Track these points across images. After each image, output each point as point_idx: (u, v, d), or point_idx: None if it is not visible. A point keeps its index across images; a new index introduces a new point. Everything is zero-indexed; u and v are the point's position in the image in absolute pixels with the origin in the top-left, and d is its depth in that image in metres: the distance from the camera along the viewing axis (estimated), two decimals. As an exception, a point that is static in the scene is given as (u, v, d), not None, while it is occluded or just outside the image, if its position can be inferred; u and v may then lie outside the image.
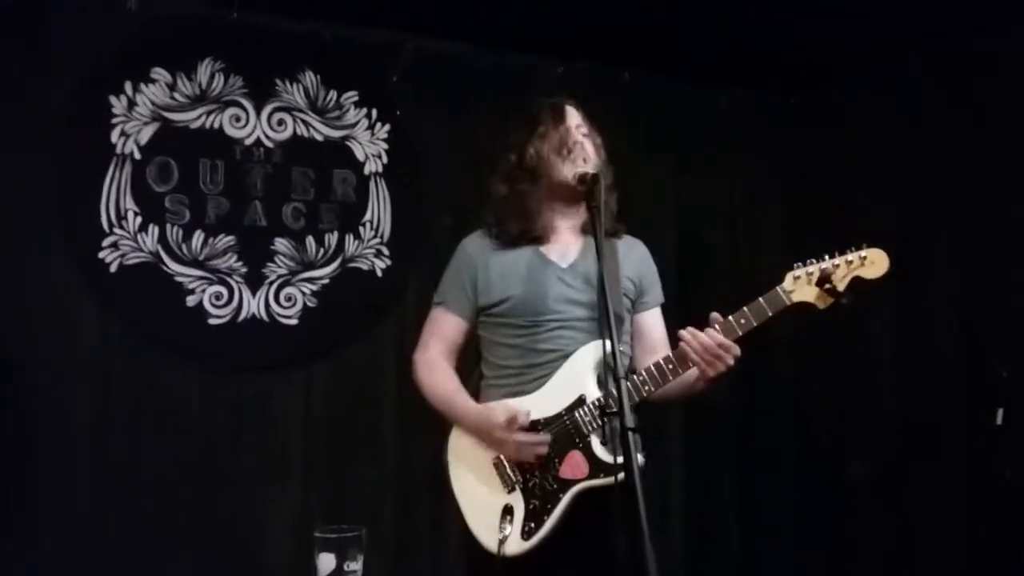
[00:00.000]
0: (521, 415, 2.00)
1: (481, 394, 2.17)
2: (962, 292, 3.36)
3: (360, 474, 3.23)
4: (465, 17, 3.19)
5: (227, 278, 3.12)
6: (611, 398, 1.74)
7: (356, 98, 3.33)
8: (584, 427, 2.00)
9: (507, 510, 2.02)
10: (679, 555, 3.69)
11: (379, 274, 3.34)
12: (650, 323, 2.23)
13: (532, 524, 1.99)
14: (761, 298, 1.97)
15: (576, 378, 2.03)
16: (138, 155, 3.01)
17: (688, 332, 1.97)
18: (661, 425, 3.62)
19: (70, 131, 2.93)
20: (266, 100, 3.19)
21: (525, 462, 2.02)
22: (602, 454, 1.97)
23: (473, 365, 2.22)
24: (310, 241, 3.24)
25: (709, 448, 3.87)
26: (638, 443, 1.70)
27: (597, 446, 1.99)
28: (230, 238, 3.13)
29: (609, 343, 1.78)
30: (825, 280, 1.94)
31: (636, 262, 2.22)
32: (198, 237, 3.08)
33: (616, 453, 1.78)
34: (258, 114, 3.18)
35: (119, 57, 3.01)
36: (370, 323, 3.31)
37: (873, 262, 1.93)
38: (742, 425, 3.94)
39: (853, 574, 3.75)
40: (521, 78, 3.45)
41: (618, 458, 1.74)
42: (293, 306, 3.21)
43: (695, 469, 3.81)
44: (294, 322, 3.20)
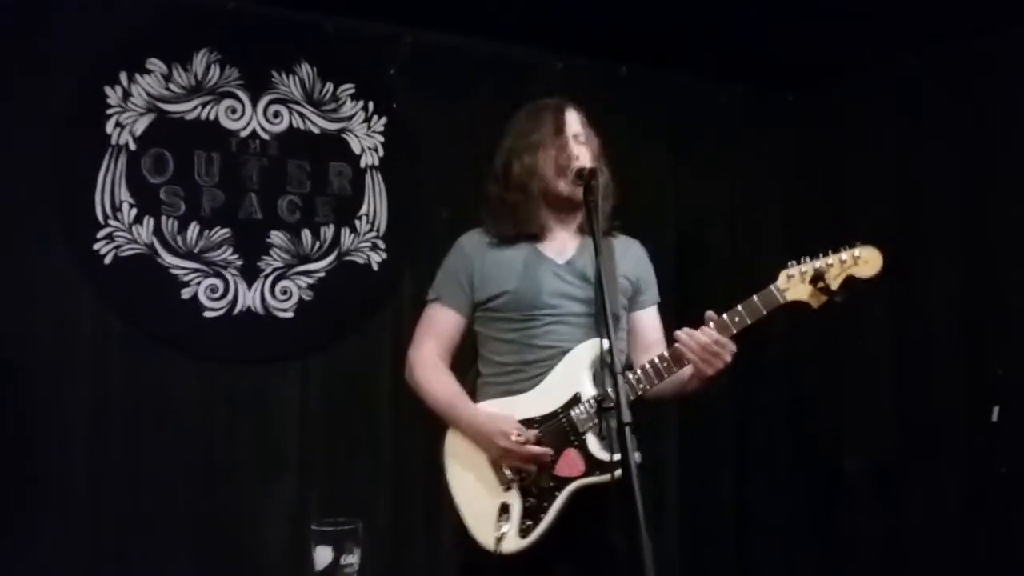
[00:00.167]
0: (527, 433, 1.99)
1: (477, 392, 2.16)
2: (961, 291, 3.36)
3: (356, 467, 3.22)
4: (464, 10, 3.18)
5: (222, 271, 3.10)
6: (608, 395, 1.72)
7: (353, 90, 3.31)
8: (580, 425, 1.99)
9: (504, 508, 2.01)
10: (676, 553, 3.68)
11: (375, 268, 3.33)
12: (646, 322, 2.23)
13: (529, 522, 1.99)
14: (755, 296, 1.97)
15: (572, 376, 2.03)
16: (133, 146, 2.99)
17: (684, 333, 1.96)
18: (657, 423, 3.61)
19: (67, 123, 2.90)
20: (262, 92, 3.17)
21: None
22: (598, 452, 1.97)
23: (469, 363, 2.21)
24: (306, 234, 3.22)
25: (706, 447, 3.86)
26: (634, 440, 1.69)
27: (593, 444, 1.98)
28: (225, 231, 3.11)
29: (607, 339, 1.78)
30: (818, 279, 1.94)
31: (633, 261, 2.21)
32: (193, 229, 3.06)
33: (613, 450, 1.76)
34: (254, 106, 3.16)
35: (115, 47, 2.99)
36: (366, 317, 3.30)
37: (867, 261, 1.93)
38: (739, 423, 3.93)
39: (850, 572, 3.75)
40: (519, 71, 3.45)
41: (615, 455, 1.73)
42: (289, 299, 3.19)
43: (692, 468, 3.80)
44: (290, 315, 3.18)
